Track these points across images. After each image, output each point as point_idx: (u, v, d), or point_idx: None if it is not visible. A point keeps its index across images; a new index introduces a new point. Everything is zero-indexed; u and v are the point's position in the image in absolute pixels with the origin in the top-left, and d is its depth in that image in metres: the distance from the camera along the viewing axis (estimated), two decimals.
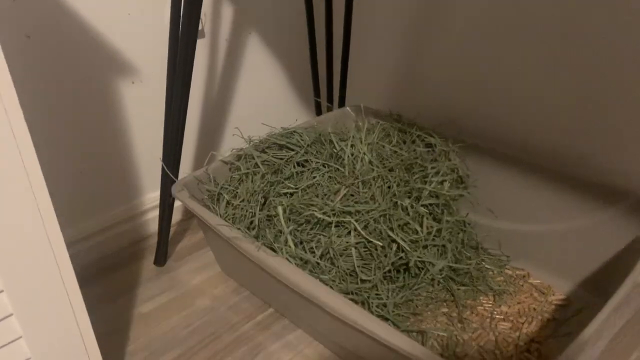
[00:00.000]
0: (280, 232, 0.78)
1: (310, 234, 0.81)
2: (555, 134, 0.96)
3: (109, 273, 0.97)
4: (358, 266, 0.79)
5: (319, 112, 1.19)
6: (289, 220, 0.80)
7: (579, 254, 0.87)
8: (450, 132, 1.00)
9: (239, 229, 0.77)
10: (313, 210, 0.79)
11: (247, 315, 0.88)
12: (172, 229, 1.08)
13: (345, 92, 1.15)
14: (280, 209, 0.76)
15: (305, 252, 0.77)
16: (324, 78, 1.15)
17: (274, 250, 0.76)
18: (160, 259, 0.98)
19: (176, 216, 1.10)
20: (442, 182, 0.92)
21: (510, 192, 0.94)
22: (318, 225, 0.82)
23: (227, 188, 0.88)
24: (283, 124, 0.99)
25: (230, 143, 1.14)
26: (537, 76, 0.95)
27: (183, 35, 0.78)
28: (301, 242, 0.80)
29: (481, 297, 0.87)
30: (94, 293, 0.92)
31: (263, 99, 1.17)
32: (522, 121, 1.00)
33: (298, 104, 1.24)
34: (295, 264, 0.74)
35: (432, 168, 0.92)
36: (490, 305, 0.86)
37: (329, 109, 1.13)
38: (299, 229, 0.81)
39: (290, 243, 0.74)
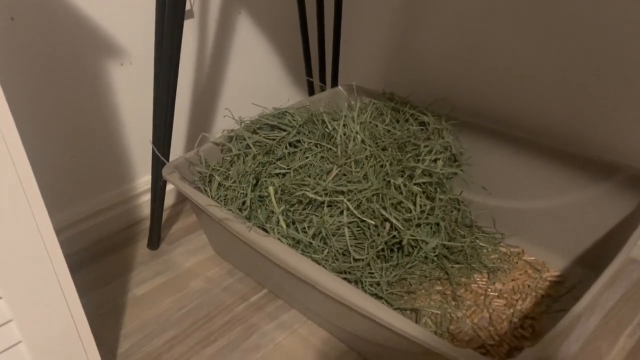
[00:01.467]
0: (272, 213, 0.77)
1: (303, 214, 0.81)
2: (548, 109, 0.95)
3: (103, 257, 0.97)
4: (351, 245, 0.79)
5: (311, 92, 1.18)
6: (281, 200, 0.80)
7: (574, 230, 0.87)
8: (444, 110, 0.99)
9: (230, 210, 0.77)
10: (305, 190, 0.79)
11: (241, 296, 0.88)
12: (165, 212, 1.08)
13: (337, 71, 1.14)
14: (271, 189, 0.76)
15: (298, 232, 0.77)
16: (316, 57, 1.14)
17: (266, 230, 0.75)
18: (154, 242, 0.98)
19: (169, 199, 1.09)
20: (435, 161, 0.92)
21: (504, 169, 0.93)
22: (310, 205, 0.81)
23: (218, 170, 0.88)
24: (275, 104, 0.98)
25: (222, 124, 1.13)
26: (530, 52, 0.93)
27: (169, 15, 0.77)
28: (293, 222, 0.79)
29: (475, 275, 0.87)
30: (88, 277, 0.92)
31: (255, 79, 1.15)
32: (515, 97, 0.99)
33: (290, 84, 1.23)
34: (288, 244, 0.74)
35: (425, 146, 0.91)
36: (484, 283, 0.86)
37: (322, 89, 1.12)
38: (291, 209, 0.80)
39: (282, 223, 0.73)
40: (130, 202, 1.04)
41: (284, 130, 0.93)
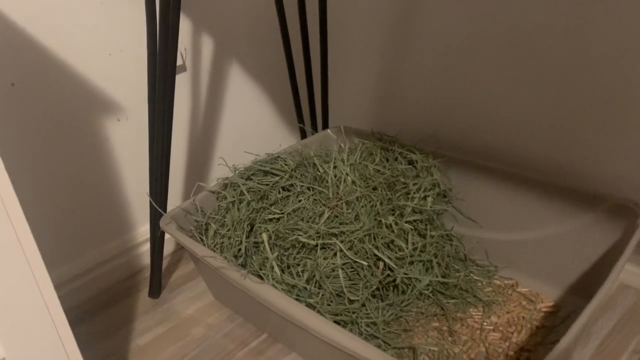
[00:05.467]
0: (267, 259, 0.79)
1: (297, 258, 0.83)
2: (532, 143, 0.98)
3: (106, 308, 0.99)
4: (346, 287, 0.81)
5: (303, 137, 1.21)
6: (275, 245, 0.82)
7: (564, 260, 0.89)
8: (431, 147, 1.02)
9: (225, 258, 0.79)
10: (298, 235, 0.81)
11: (241, 341, 0.89)
12: (165, 260, 1.10)
13: (327, 115, 1.18)
14: (265, 236, 0.78)
15: (292, 277, 0.79)
16: (306, 103, 1.18)
17: (261, 277, 0.77)
18: (155, 291, 1.00)
19: (169, 246, 1.12)
20: (425, 198, 0.94)
21: (493, 202, 0.95)
22: (304, 249, 0.83)
23: (214, 217, 0.90)
24: (269, 150, 1.01)
25: (218, 173, 1.17)
26: (511, 89, 0.97)
27: (160, 71, 0.81)
28: (288, 267, 0.81)
29: (471, 309, 0.88)
30: (91, 329, 0.94)
31: (248, 127, 1.19)
32: (499, 132, 1.02)
33: (283, 131, 1.27)
34: (282, 289, 0.76)
35: (414, 184, 0.94)
36: (479, 317, 0.87)
37: (314, 134, 1.15)
38: (285, 253, 0.82)
39: (276, 269, 0.75)
40: (130, 252, 1.06)
41: (277, 175, 0.96)
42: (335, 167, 0.95)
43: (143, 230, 1.08)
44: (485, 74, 1.00)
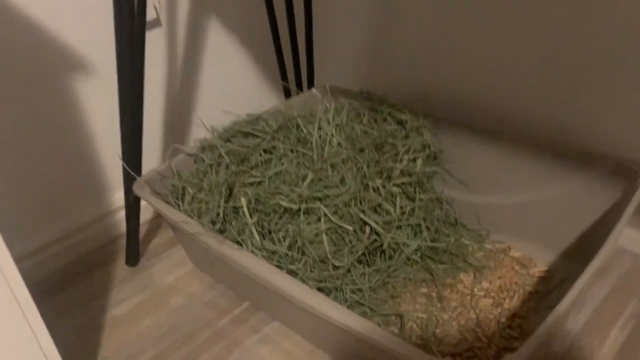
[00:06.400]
0: (247, 224, 0.75)
1: (279, 224, 0.78)
2: (526, 102, 0.93)
3: (80, 277, 0.94)
4: (330, 252, 0.76)
5: (288, 97, 1.15)
6: (255, 210, 0.77)
7: (559, 223, 0.85)
8: (422, 108, 0.97)
9: (202, 223, 0.74)
10: (279, 199, 0.77)
11: (223, 310, 0.85)
12: (144, 227, 1.05)
13: (313, 73, 1.12)
14: (243, 200, 0.73)
15: (274, 243, 0.74)
16: (290, 61, 1.11)
17: (240, 243, 0.73)
18: (132, 259, 0.95)
19: (147, 214, 1.07)
20: (414, 160, 0.89)
21: (485, 164, 0.91)
22: (286, 214, 0.79)
23: (191, 182, 0.85)
24: (250, 111, 0.96)
25: (197, 135, 1.11)
26: (507, 46, 0.91)
27: (127, 23, 0.74)
28: (269, 233, 0.77)
29: (461, 275, 0.85)
30: (64, 300, 0.90)
31: (228, 87, 1.13)
32: (492, 91, 0.97)
33: (266, 91, 1.21)
34: (262, 256, 0.72)
35: (403, 146, 0.89)
36: (470, 282, 0.84)
37: (299, 94, 1.09)
38: (266, 219, 0.78)
39: (255, 235, 0.71)
40: (107, 218, 1.01)
41: (258, 137, 0.91)
42: (320, 128, 0.90)
43: (120, 196, 1.02)
44: (479, 29, 0.94)
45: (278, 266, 0.70)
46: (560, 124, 0.90)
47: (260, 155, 0.88)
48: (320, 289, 0.73)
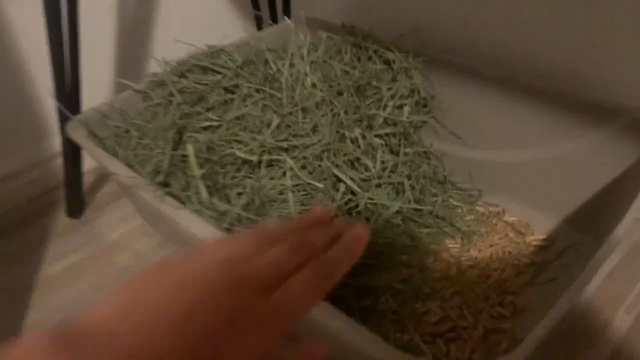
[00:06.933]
0: (194, 177, 0.62)
1: (236, 178, 0.66)
2: (534, 45, 0.79)
3: (13, 230, 0.82)
4: (296, 214, 0.65)
5: (260, 29, 1.00)
6: (208, 161, 0.65)
7: (564, 185, 0.74)
8: (414, 46, 0.83)
9: (142, 175, 0.62)
10: (236, 148, 0.64)
11: None
12: (93, 174, 0.92)
13: (289, 2, 0.96)
14: (190, 148, 0.61)
15: (228, 201, 0.62)
16: None
17: (185, 200, 0.61)
18: (74, 210, 0.83)
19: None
20: (400, 107, 0.77)
21: (483, 114, 0.78)
22: (246, 166, 0.67)
23: (136, 123, 0.72)
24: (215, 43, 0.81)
25: (154, 68, 0.96)
26: None
27: None
28: (224, 187, 0.65)
29: (447, 241, 0.74)
30: None
31: (191, 13, 0.97)
32: (495, 30, 0.83)
33: (235, 20, 1.05)
34: (211, 216, 0.60)
35: (389, 89, 0.76)
36: (457, 250, 0.73)
37: (272, 25, 0.94)
38: (221, 171, 0.66)
39: (202, 190, 0.59)
40: (48, 163, 0.89)
41: (219, 73, 0.77)
42: (292, 65, 0.76)
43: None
44: None
45: (228, 229, 0.58)
46: (573, 72, 0.77)
47: (220, 95, 0.74)
48: None
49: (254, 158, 0.63)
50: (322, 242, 0.32)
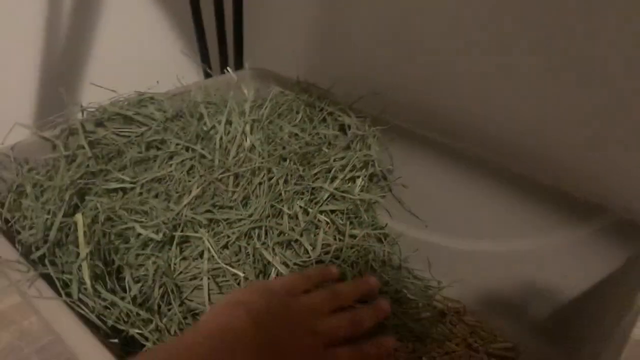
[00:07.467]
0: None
1: (143, 255, 0.54)
2: (512, 123, 0.71)
3: None
4: (213, 304, 0.53)
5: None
6: (106, 235, 0.52)
7: (535, 285, 0.63)
8: (374, 110, 0.73)
9: (16, 245, 0.49)
10: (139, 221, 0.52)
11: None
12: None
13: (242, 55, 0.87)
14: (79, 217, 0.49)
15: (113, 290, 0.49)
16: (214, 37, 0.86)
17: (67, 284, 0.48)
18: None
19: None
20: (353, 179, 0.66)
21: (447, 194, 0.69)
22: (154, 243, 0.54)
23: (33, 177, 0.60)
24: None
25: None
26: (494, 38, 0.69)
27: None
28: (120, 269, 0.52)
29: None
30: None
31: (131, 55, 0.87)
32: (470, 101, 0.74)
33: (183, 70, 0.95)
34: (97, 307, 0.47)
35: (340, 158, 0.66)
36: (405, 358, 0.61)
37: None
38: (123, 246, 0.53)
39: (86, 274, 0.46)
40: None
41: (144, 125, 0.66)
42: (229, 122, 0.66)
43: None
44: (460, 12, 0.71)
45: (114, 326, 0.46)
46: (554, 160, 0.68)
47: (141, 151, 0.63)
48: None
49: (157, 237, 0.51)
50: (354, 297, 0.48)
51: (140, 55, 0.87)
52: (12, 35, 0.72)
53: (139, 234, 0.52)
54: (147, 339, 0.47)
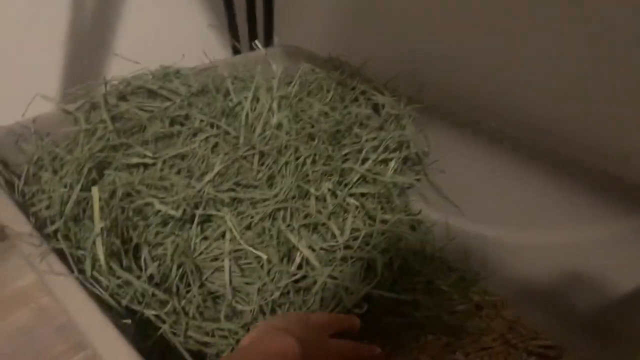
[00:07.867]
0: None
1: (162, 234, 0.51)
2: (563, 102, 0.65)
3: None
4: (234, 288, 0.50)
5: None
6: (124, 211, 0.50)
7: (582, 280, 0.58)
8: (409, 89, 0.69)
9: (30, 219, 0.47)
10: (159, 197, 0.49)
11: (77, 342, 0.59)
12: None
13: (272, 31, 0.83)
14: (95, 192, 0.46)
15: (130, 268, 0.47)
16: (244, 14, 0.83)
17: (80, 259, 0.46)
18: None
19: None
20: (385, 162, 0.62)
21: (487, 180, 0.64)
22: (179, 221, 0.52)
23: (54, 152, 0.58)
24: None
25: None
26: (542, 15, 0.63)
27: None
28: (138, 247, 0.50)
29: (429, 336, 0.58)
30: None
31: (158, 30, 0.84)
32: (513, 79, 0.69)
33: (212, 48, 0.92)
34: (110, 286, 0.44)
35: (372, 139, 0.62)
36: (438, 351, 0.57)
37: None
38: (141, 224, 0.51)
39: (100, 250, 0.44)
40: None
41: (169, 99, 0.63)
42: (256, 98, 0.63)
43: None
44: None
45: (128, 307, 0.43)
46: (605, 145, 0.62)
47: (164, 126, 0.60)
48: (203, 354, 0.46)
49: (177, 213, 0.48)
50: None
51: (165, 27, 0.84)
52: (36, 4, 0.70)
53: (158, 211, 0.49)
54: (164, 321, 0.45)
